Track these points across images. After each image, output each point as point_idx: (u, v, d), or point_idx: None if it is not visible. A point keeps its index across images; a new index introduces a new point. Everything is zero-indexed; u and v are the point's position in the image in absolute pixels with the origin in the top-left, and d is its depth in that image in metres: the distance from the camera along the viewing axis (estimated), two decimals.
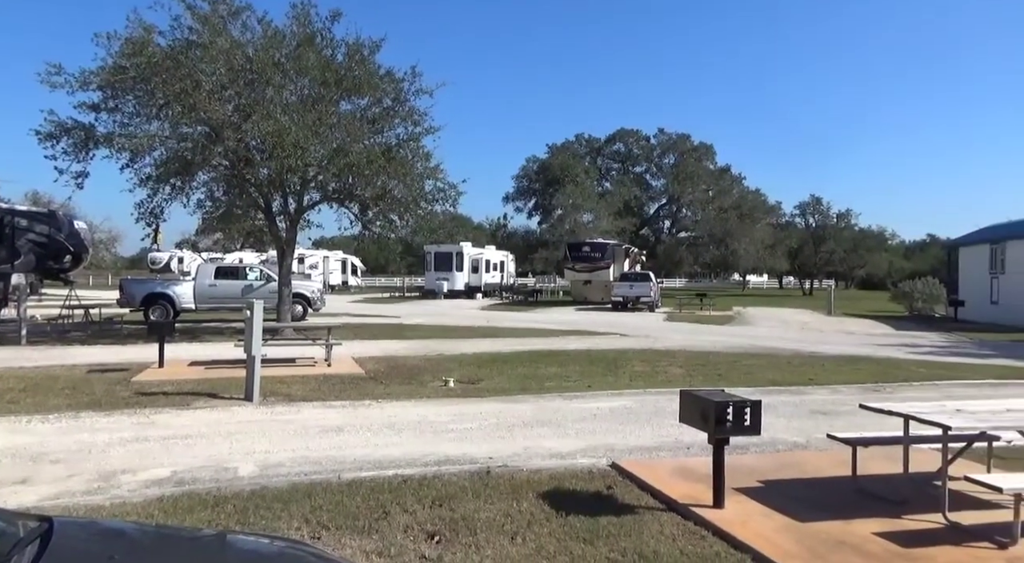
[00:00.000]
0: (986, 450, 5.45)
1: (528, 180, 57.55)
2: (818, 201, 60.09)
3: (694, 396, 4.81)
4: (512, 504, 4.70)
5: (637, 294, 29.85)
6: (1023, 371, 12.17)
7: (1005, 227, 27.76)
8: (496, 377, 10.50)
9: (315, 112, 14.38)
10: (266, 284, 19.03)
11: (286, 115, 13.92)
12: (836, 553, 3.91)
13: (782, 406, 8.51)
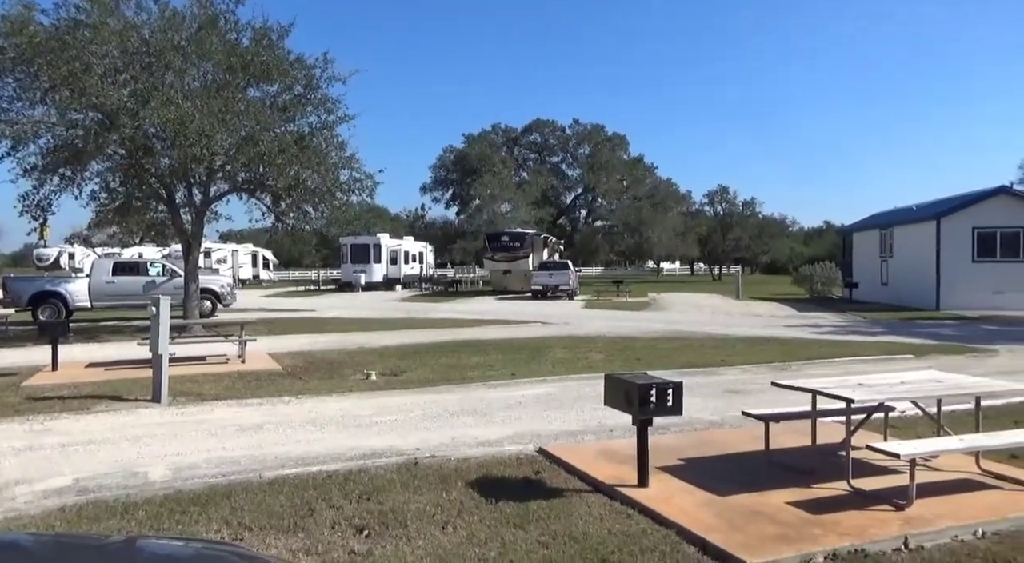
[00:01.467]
0: (883, 421, 5.87)
1: (446, 170, 57.18)
2: (725, 190, 62.93)
3: (618, 380, 4.91)
4: (441, 494, 4.67)
5: (556, 283, 30.27)
6: (910, 346, 13.15)
7: (893, 213, 29.87)
8: (419, 368, 10.40)
9: (220, 98, 13.69)
10: (170, 280, 18.07)
11: (189, 101, 13.19)
12: (752, 523, 4.10)
13: (698, 387, 8.84)
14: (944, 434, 5.28)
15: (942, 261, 23.04)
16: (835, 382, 5.34)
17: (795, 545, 3.76)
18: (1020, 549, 3.78)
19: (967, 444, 4.81)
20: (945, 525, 4.04)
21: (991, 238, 22.98)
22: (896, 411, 6.01)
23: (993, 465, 5.17)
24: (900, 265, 26.23)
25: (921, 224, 24.61)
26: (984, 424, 5.56)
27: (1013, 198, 24.21)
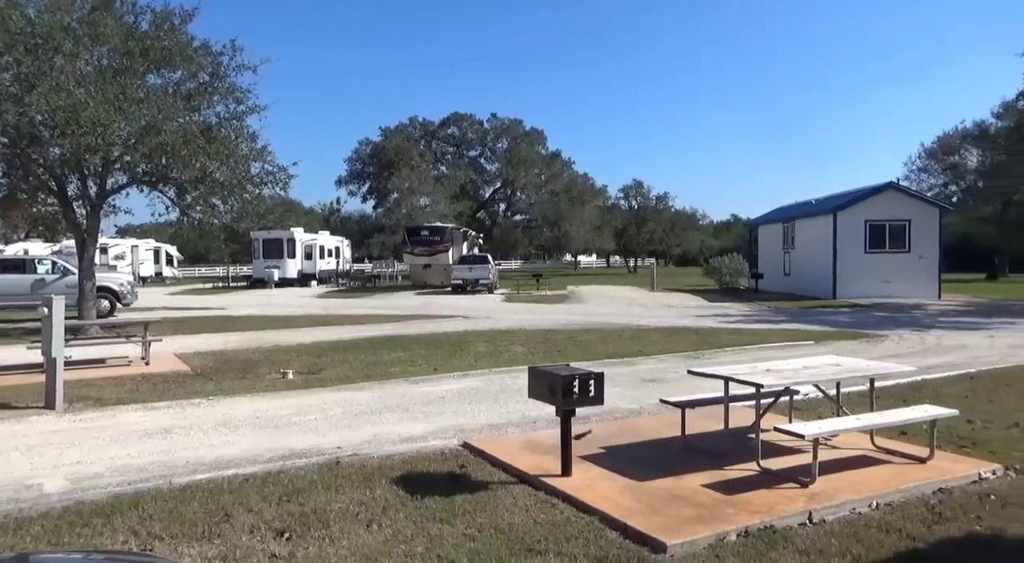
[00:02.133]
0: (788, 403, 6.21)
1: (362, 164, 56.01)
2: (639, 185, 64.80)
3: (542, 372, 4.97)
4: (365, 492, 4.59)
5: (476, 277, 30.30)
6: (811, 333, 13.98)
7: (794, 207, 31.58)
8: (338, 366, 10.17)
9: (117, 85, 12.82)
10: (62, 278, 16.87)
11: (81, 87, 12.30)
12: (671, 506, 4.25)
13: (617, 376, 9.07)
14: (843, 414, 5.64)
15: (838, 252, 24.58)
16: (745, 369, 5.60)
17: (710, 525, 3.93)
18: (908, 518, 4.10)
19: (863, 423, 5.16)
20: (844, 499, 4.32)
21: (881, 231, 24.70)
22: (800, 394, 6.38)
23: (885, 441, 5.57)
24: (801, 256, 27.80)
25: (819, 218, 26.15)
26: (877, 404, 5.98)
27: (900, 193, 26.13)
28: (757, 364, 5.88)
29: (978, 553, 3.63)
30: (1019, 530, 3.91)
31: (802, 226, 28.00)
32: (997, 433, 5.98)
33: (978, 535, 3.86)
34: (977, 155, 46.46)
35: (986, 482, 4.73)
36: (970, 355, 10.90)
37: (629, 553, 3.64)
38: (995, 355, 10.88)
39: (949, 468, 4.92)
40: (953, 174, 49.58)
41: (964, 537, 3.83)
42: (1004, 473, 4.88)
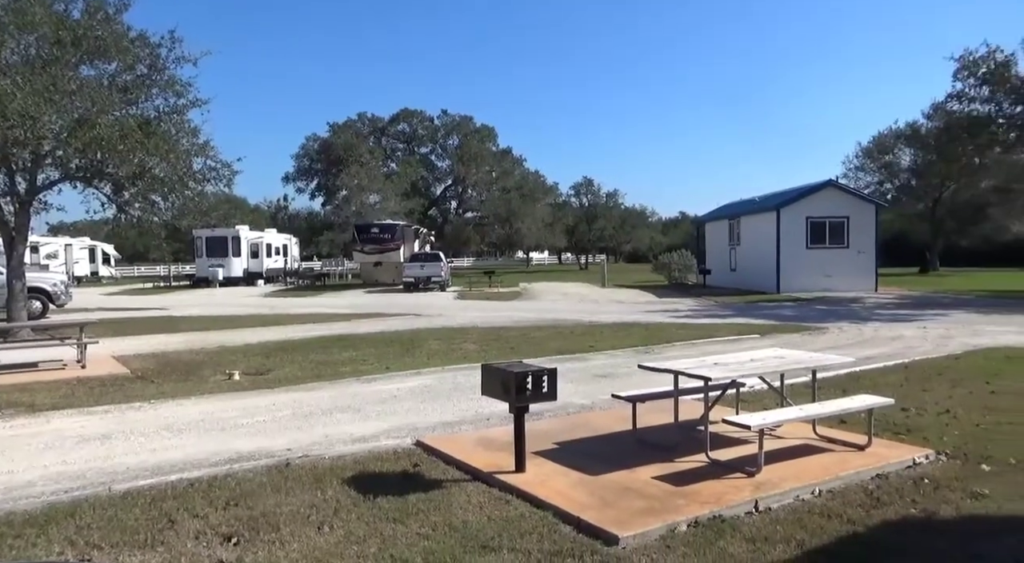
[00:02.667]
0: (735, 396, 6.38)
1: (310, 160, 54.88)
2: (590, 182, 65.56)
3: (495, 369, 4.97)
4: (316, 494, 4.51)
5: (428, 274, 30.11)
6: (756, 327, 14.37)
7: (739, 205, 32.41)
8: (287, 366, 9.95)
9: (48, 76, 12.23)
10: None
11: (8, 78, 11.71)
12: (623, 499, 4.31)
13: (569, 372, 9.14)
14: (787, 405, 5.81)
15: (781, 248, 25.33)
16: (694, 363, 5.71)
17: (661, 516, 4.00)
18: (848, 503, 4.25)
19: (805, 413, 5.32)
20: (789, 487, 4.45)
21: (822, 227, 25.57)
22: (746, 387, 6.55)
23: (827, 430, 5.77)
24: (746, 252, 28.56)
25: (763, 214, 26.89)
26: (819, 394, 6.18)
27: (839, 191, 27.10)
28: (705, 358, 6.00)
29: (913, 535, 3.79)
30: (950, 512, 4.11)
31: (747, 223, 28.75)
32: (929, 420, 6.26)
33: (913, 518, 4.03)
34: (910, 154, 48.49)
35: (920, 467, 4.95)
36: (905, 346, 11.38)
37: (582, 546, 3.67)
38: (928, 345, 11.39)
39: (886, 454, 5.12)
40: (888, 172, 51.66)
41: (900, 520, 4.00)
42: (936, 458, 5.11)
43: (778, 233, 25.33)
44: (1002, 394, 7.33)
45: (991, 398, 7.16)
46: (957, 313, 17.07)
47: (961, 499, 4.28)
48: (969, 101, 22.56)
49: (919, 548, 3.61)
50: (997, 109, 22.11)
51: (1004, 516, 4.02)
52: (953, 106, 23.19)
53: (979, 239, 49.91)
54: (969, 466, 4.91)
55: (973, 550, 3.57)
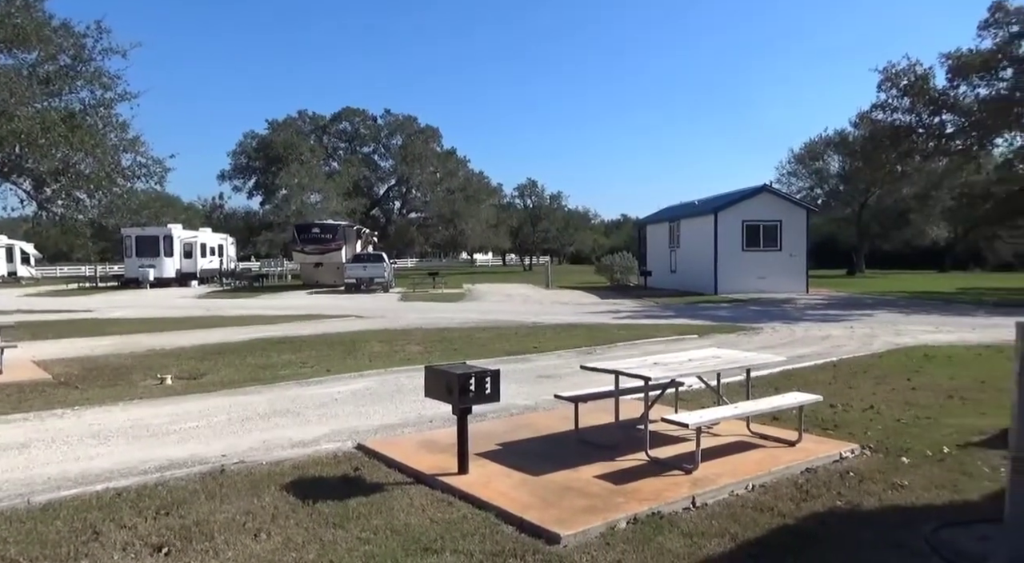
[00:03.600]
0: (674, 395, 6.53)
1: (247, 157, 53.38)
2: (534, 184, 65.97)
3: (438, 370, 4.94)
4: (253, 500, 4.39)
5: (371, 275, 29.73)
6: (695, 327, 14.75)
7: (679, 208, 33.20)
8: (223, 369, 9.65)
9: None
10: None
11: None
12: (565, 498, 4.35)
13: (513, 373, 9.18)
14: (723, 403, 5.99)
15: (719, 250, 26.09)
16: (634, 363, 5.82)
17: (602, 514, 4.06)
18: (780, 497, 4.42)
19: (740, 411, 5.50)
20: (724, 483, 4.59)
21: (756, 230, 26.45)
22: (685, 386, 6.71)
23: (760, 427, 5.97)
24: (685, 254, 29.27)
25: (702, 217, 27.63)
26: (753, 392, 6.39)
27: (773, 196, 28.09)
28: (646, 358, 6.11)
29: (839, 525, 3.97)
30: (873, 503, 4.31)
31: (686, 226, 29.48)
32: (855, 415, 6.55)
33: (839, 509, 4.22)
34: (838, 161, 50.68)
35: (846, 461, 5.17)
36: (833, 345, 11.88)
37: (524, 546, 3.69)
38: (854, 344, 11.92)
39: (814, 449, 5.34)
40: (818, 178, 53.91)
41: (827, 512, 4.17)
42: (861, 452, 5.36)
43: (716, 236, 26.07)
44: (921, 390, 7.74)
45: (911, 394, 7.55)
46: (881, 313, 17.93)
47: (883, 490, 4.50)
48: (892, 111, 23.76)
49: (844, 538, 3.78)
50: (917, 119, 23.35)
51: (921, 505, 4.24)
52: (877, 116, 24.36)
53: (901, 243, 52.66)
54: (890, 459, 5.17)
55: (894, 539, 3.75)
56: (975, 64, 21.66)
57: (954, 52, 22.02)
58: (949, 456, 5.19)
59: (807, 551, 3.61)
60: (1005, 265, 49.49)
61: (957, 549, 3.57)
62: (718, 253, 26.04)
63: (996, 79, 21.86)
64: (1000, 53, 21.64)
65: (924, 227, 49.38)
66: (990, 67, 21.68)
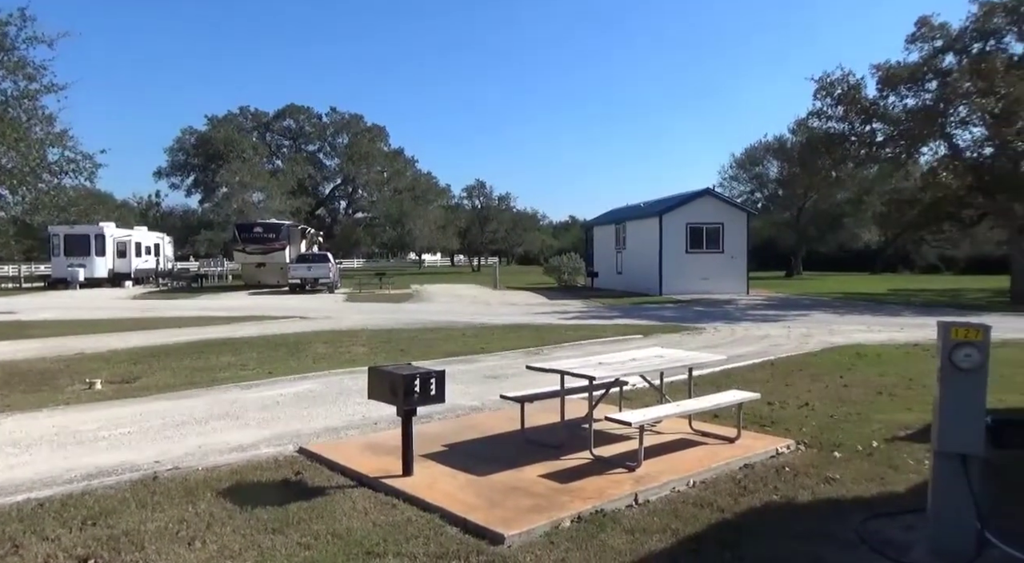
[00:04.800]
0: (618, 394, 6.61)
1: (185, 154, 51.68)
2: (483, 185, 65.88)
3: (382, 371, 4.87)
4: (187, 508, 4.24)
5: (316, 276, 29.17)
6: (640, 327, 14.99)
7: (625, 210, 33.71)
8: (158, 373, 9.30)
9: None
10: None
11: None
12: (510, 498, 4.35)
13: (460, 374, 9.15)
14: (666, 402, 6.10)
15: (663, 252, 26.59)
16: (579, 363, 5.87)
17: (546, 513, 4.07)
18: (719, 492, 4.52)
19: (682, 409, 5.61)
20: (666, 480, 4.67)
21: (699, 233, 27.07)
22: (629, 385, 6.81)
23: (701, 425, 6.10)
24: (631, 256, 29.74)
25: (647, 220, 28.12)
26: (695, 391, 6.54)
27: (715, 199, 28.80)
28: (591, 358, 6.18)
29: (775, 519, 4.09)
30: (807, 496, 4.46)
31: (632, 228, 29.95)
32: (791, 412, 6.77)
33: (775, 503, 4.35)
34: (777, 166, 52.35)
35: (782, 456, 5.34)
36: (771, 344, 12.26)
37: (468, 547, 3.67)
38: (791, 344, 12.32)
39: (752, 445, 5.49)
40: (758, 183, 55.59)
41: (763, 506, 4.29)
42: (796, 447, 5.54)
43: (660, 238, 26.57)
44: (852, 387, 8.06)
45: (843, 391, 7.85)
46: (817, 313, 18.60)
47: (816, 484, 4.66)
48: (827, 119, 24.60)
49: (780, 530, 3.90)
50: (850, 127, 24.25)
51: (851, 498, 4.41)
52: (813, 123, 25.20)
53: (836, 246, 54.83)
54: (823, 454, 5.36)
55: (825, 530, 3.89)
56: (903, 76, 22.67)
57: (884, 64, 23.01)
58: (877, 450, 5.42)
59: (744, 544, 3.71)
60: (931, 267, 52.20)
61: (884, 539, 3.73)
62: (663, 255, 26.54)
63: (922, 90, 22.93)
64: (925, 66, 22.72)
65: (857, 231, 51.49)
66: (916, 79, 22.73)
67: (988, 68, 20.58)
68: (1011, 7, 21.45)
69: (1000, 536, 3.61)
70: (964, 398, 3.40)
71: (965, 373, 3.38)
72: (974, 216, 25.33)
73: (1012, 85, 19.83)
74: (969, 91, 20.74)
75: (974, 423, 3.40)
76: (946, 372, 3.42)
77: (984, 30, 21.94)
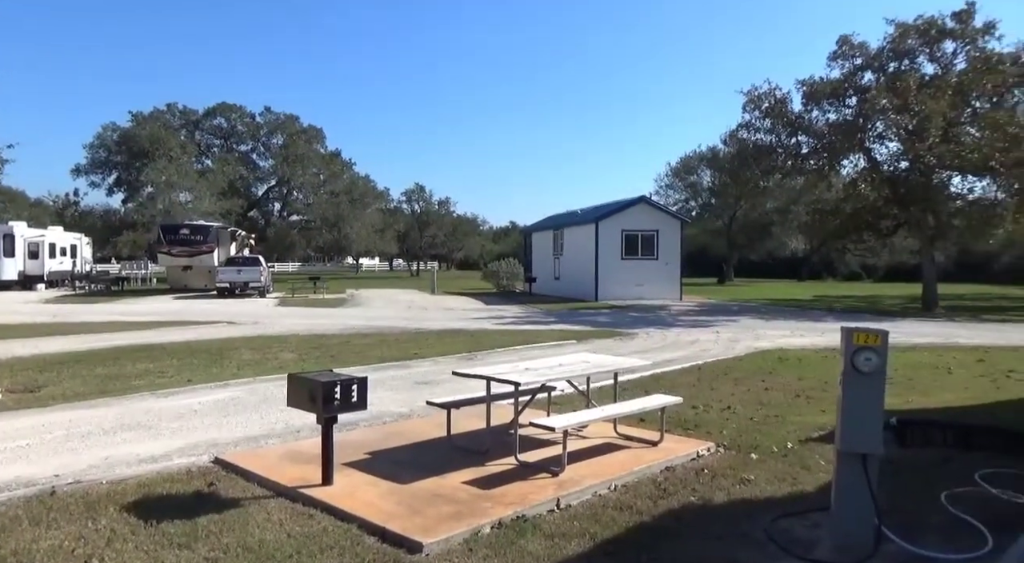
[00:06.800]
0: (547, 399, 6.63)
1: (107, 151, 49.29)
2: (422, 189, 65.50)
3: (301, 378, 4.75)
4: (87, 524, 4.00)
5: (246, 279, 28.30)
6: (575, 333, 15.14)
7: (563, 216, 34.07)
8: (66, 381, 8.79)
9: None
10: None
11: None
12: (431, 506, 4.29)
13: (390, 380, 9.02)
14: (592, 406, 6.15)
15: (600, 258, 26.98)
16: (507, 368, 5.86)
17: (467, 520, 4.03)
18: (639, 496, 4.58)
19: (606, 413, 5.67)
20: (588, 484, 4.70)
21: (635, 239, 27.60)
22: (557, 390, 6.84)
23: (627, 429, 6.18)
24: (569, 262, 30.06)
25: (584, 226, 28.49)
26: (624, 395, 6.63)
27: (650, 206, 29.43)
28: (520, 363, 6.18)
29: (691, 520, 4.17)
30: (723, 497, 4.57)
31: (570, 234, 30.29)
32: (714, 415, 6.94)
33: (692, 505, 4.43)
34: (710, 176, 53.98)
35: (702, 458, 5.46)
36: (700, 349, 12.57)
37: (386, 557, 3.60)
38: (719, 348, 12.67)
39: (674, 448, 5.60)
40: (692, 191, 57.19)
41: (681, 508, 4.37)
42: (716, 449, 5.68)
43: (597, 244, 26.96)
44: (773, 390, 8.33)
45: (764, 394, 8.11)
46: (744, 319, 19.21)
47: (732, 485, 4.78)
48: (755, 131, 25.54)
49: (695, 532, 3.97)
50: (777, 140, 25.24)
51: (764, 498, 4.54)
52: (743, 134, 26.09)
53: (765, 253, 56.98)
54: (741, 455, 5.51)
55: (739, 530, 3.98)
56: (825, 91, 23.76)
57: (808, 79, 24.08)
58: (792, 451, 5.61)
59: (660, 546, 3.76)
60: (854, 275, 54.86)
61: (791, 537, 3.85)
62: (599, 261, 26.92)
63: (843, 106, 24.11)
64: (846, 82, 23.89)
65: (784, 239, 53.63)
66: (838, 94, 23.86)
67: (903, 86, 21.80)
68: (923, 29, 22.77)
69: (897, 531, 3.78)
70: (864, 400, 3.55)
71: (865, 376, 3.53)
72: (891, 226, 26.72)
73: (924, 103, 21.04)
74: (886, 108, 21.89)
75: (874, 423, 3.55)
76: (848, 375, 3.56)
77: (899, 50, 23.22)
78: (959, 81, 22.03)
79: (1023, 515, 4.16)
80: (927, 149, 21.36)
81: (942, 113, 21.01)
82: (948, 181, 24.09)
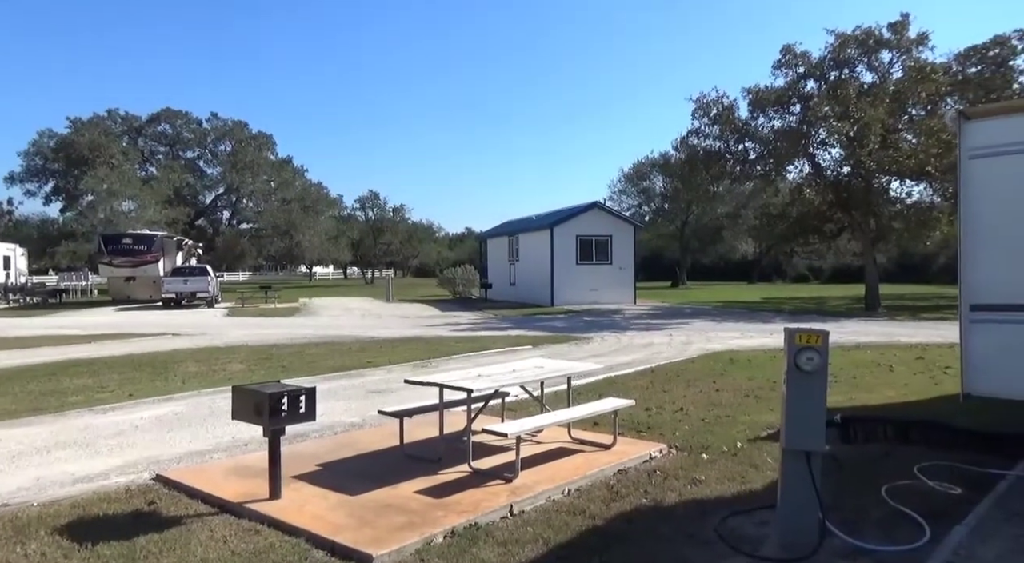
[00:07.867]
0: (501, 405, 6.60)
1: (43, 159, 47.39)
2: (376, 196, 64.85)
3: (247, 390, 4.61)
4: (15, 549, 3.80)
5: (193, 289, 27.53)
6: (530, 338, 15.16)
7: (518, 222, 34.15)
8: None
9: None
10: None
11: None
12: (383, 517, 4.21)
13: (341, 390, 8.86)
14: (546, 411, 6.15)
15: (555, 264, 27.12)
16: (460, 375, 5.81)
17: (419, 530, 3.97)
18: (592, 499, 4.59)
19: (559, 418, 5.67)
20: (542, 489, 4.69)
21: (589, 244, 27.84)
22: (511, 396, 6.81)
23: (580, 433, 6.19)
24: (524, 267, 30.13)
25: (539, 232, 28.61)
26: (578, 399, 6.64)
27: (603, 212, 29.74)
28: (473, 370, 6.13)
29: (643, 521, 4.19)
30: (674, 498, 4.61)
31: (525, 239, 30.38)
32: (667, 417, 7.02)
33: (644, 506, 4.46)
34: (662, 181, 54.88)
35: (655, 460, 5.50)
36: (654, 352, 12.73)
37: None
38: (672, 351, 12.85)
39: (627, 451, 5.63)
40: (645, 196, 58.00)
41: (633, 510, 4.39)
42: (668, 451, 5.73)
43: (552, 250, 27.10)
44: (724, 391, 8.48)
45: (716, 395, 8.24)
46: (697, 322, 19.55)
47: (684, 486, 4.83)
48: (704, 137, 26.11)
49: (646, 533, 3.99)
50: (725, 146, 25.86)
51: (714, 498, 4.60)
52: (693, 140, 26.64)
53: (717, 257, 58.25)
54: (693, 456, 5.57)
55: (689, 531, 4.02)
56: (771, 99, 24.47)
57: (753, 87, 24.75)
58: (741, 451, 5.70)
59: (612, 549, 3.76)
60: (801, 277, 56.52)
61: (740, 535, 3.90)
62: (554, 266, 27.06)
63: (787, 113, 24.86)
64: (790, 90, 24.66)
65: (735, 243, 54.87)
66: (783, 102, 24.61)
67: (843, 94, 22.59)
68: (861, 39, 23.66)
69: (841, 526, 3.87)
70: (807, 398, 3.62)
71: (808, 375, 3.60)
72: (835, 229, 27.63)
73: (863, 110, 21.84)
74: (828, 115, 22.63)
75: (817, 421, 3.63)
76: (791, 375, 3.63)
77: (840, 59, 24.07)
78: (896, 89, 22.97)
79: (959, 506, 4.30)
80: (867, 155, 22.16)
81: (880, 120, 21.86)
82: (887, 186, 25.05)
